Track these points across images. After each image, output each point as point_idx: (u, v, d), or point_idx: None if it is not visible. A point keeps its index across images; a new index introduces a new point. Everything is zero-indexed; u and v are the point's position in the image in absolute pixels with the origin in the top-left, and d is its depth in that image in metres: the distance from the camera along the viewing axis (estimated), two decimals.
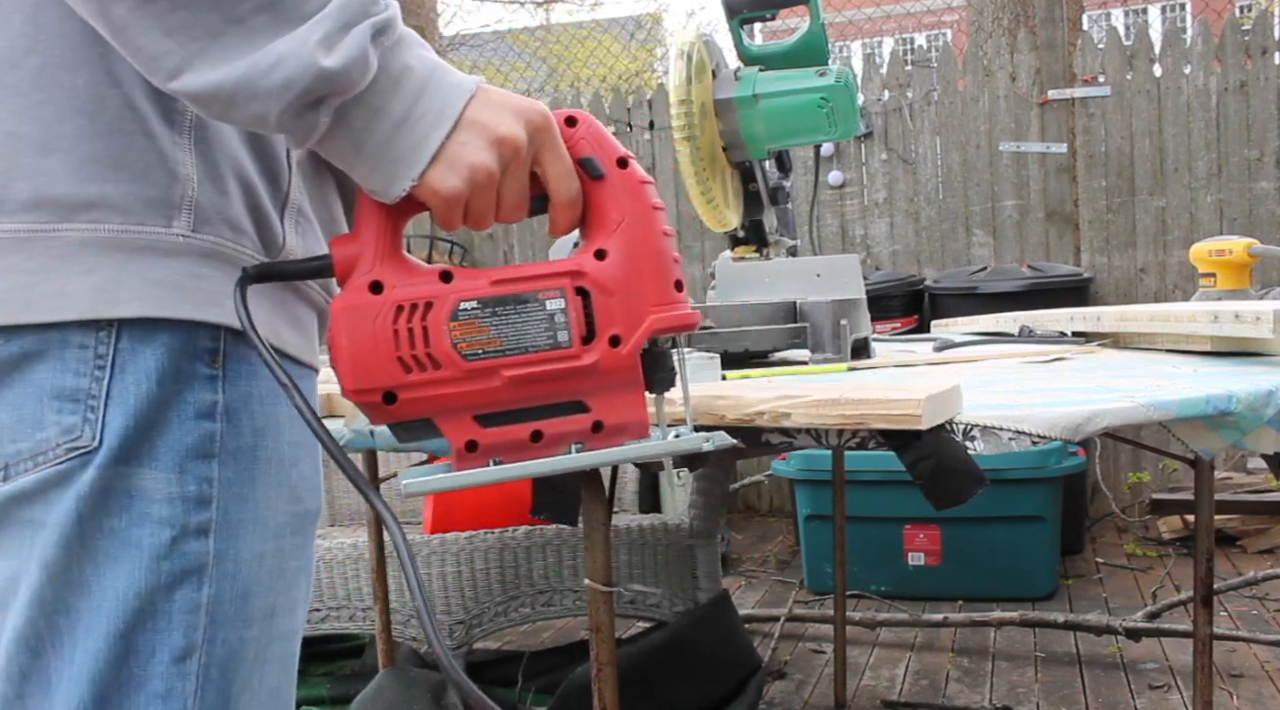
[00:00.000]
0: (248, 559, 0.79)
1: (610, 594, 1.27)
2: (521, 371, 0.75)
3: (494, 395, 0.75)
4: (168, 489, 0.76)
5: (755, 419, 1.02)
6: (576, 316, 0.77)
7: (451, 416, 0.75)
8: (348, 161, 0.73)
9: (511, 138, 0.74)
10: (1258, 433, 1.15)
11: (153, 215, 0.75)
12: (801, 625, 3.22)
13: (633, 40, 12.03)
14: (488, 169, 0.74)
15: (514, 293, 0.76)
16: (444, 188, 0.73)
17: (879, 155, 4.56)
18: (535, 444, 0.77)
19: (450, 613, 2.44)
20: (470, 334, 0.75)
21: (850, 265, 1.75)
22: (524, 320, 0.76)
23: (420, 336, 0.74)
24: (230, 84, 0.66)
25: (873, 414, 0.96)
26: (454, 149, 0.73)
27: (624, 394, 0.79)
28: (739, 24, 1.79)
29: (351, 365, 0.73)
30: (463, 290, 0.75)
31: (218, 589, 0.78)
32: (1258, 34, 4.13)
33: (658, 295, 0.79)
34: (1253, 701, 2.56)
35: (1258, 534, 3.83)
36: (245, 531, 0.79)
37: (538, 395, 0.77)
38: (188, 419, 0.76)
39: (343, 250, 0.75)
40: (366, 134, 0.71)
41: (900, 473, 1.25)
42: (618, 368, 0.78)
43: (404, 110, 0.71)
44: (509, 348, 0.75)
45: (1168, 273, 4.26)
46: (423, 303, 0.74)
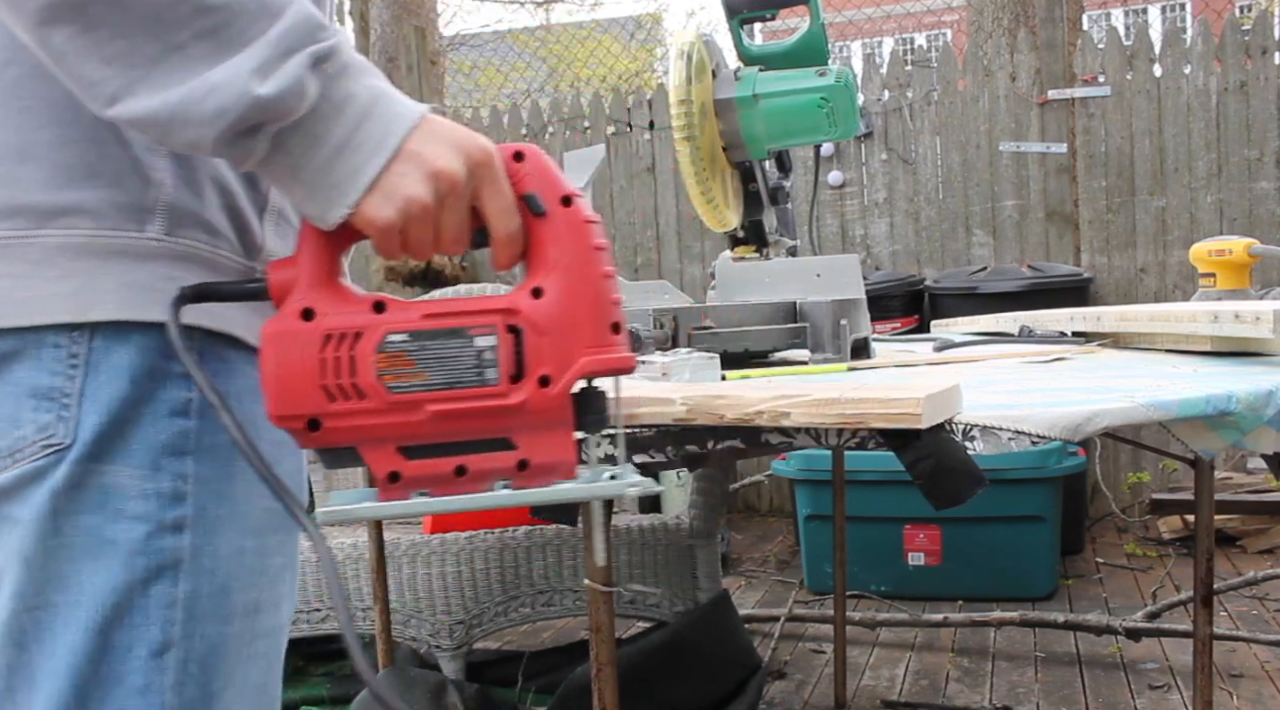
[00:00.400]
0: (226, 555, 0.80)
1: (610, 594, 1.27)
2: (446, 407, 0.75)
3: (418, 429, 0.75)
4: (142, 485, 0.77)
5: (754, 419, 1.02)
6: (506, 355, 0.76)
7: (375, 446, 0.75)
8: (286, 186, 0.73)
9: (449, 172, 0.73)
10: (1258, 433, 1.15)
11: (126, 220, 0.76)
12: (801, 625, 3.22)
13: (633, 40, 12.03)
14: (422, 202, 0.73)
15: (444, 327, 0.75)
16: (378, 218, 0.72)
17: (879, 155, 4.56)
18: (459, 478, 0.77)
19: (450, 613, 2.44)
20: (397, 366, 0.74)
21: (850, 265, 1.75)
22: (452, 356, 0.75)
23: (346, 366, 0.73)
24: (166, 111, 0.67)
25: (872, 413, 0.96)
26: (391, 180, 0.72)
27: (552, 434, 0.78)
28: (739, 24, 1.79)
29: (276, 390, 0.73)
30: (393, 322, 0.74)
31: (195, 584, 0.79)
32: (1258, 34, 4.13)
33: (592, 337, 0.78)
34: (1253, 701, 2.56)
35: (1258, 534, 3.83)
36: (223, 527, 0.80)
37: (462, 430, 0.76)
38: (161, 416, 0.78)
39: (278, 275, 0.75)
40: (304, 161, 0.71)
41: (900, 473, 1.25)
42: (546, 408, 0.77)
43: (343, 138, 0.71)
44: (435, 383, 0.75)
45: (1168, 273, 4.26)
46: (352, 333, 0.74)
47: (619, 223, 4.89)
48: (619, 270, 4.07)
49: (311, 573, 2.49)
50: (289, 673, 2.77)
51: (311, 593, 2.48)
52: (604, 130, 4.89)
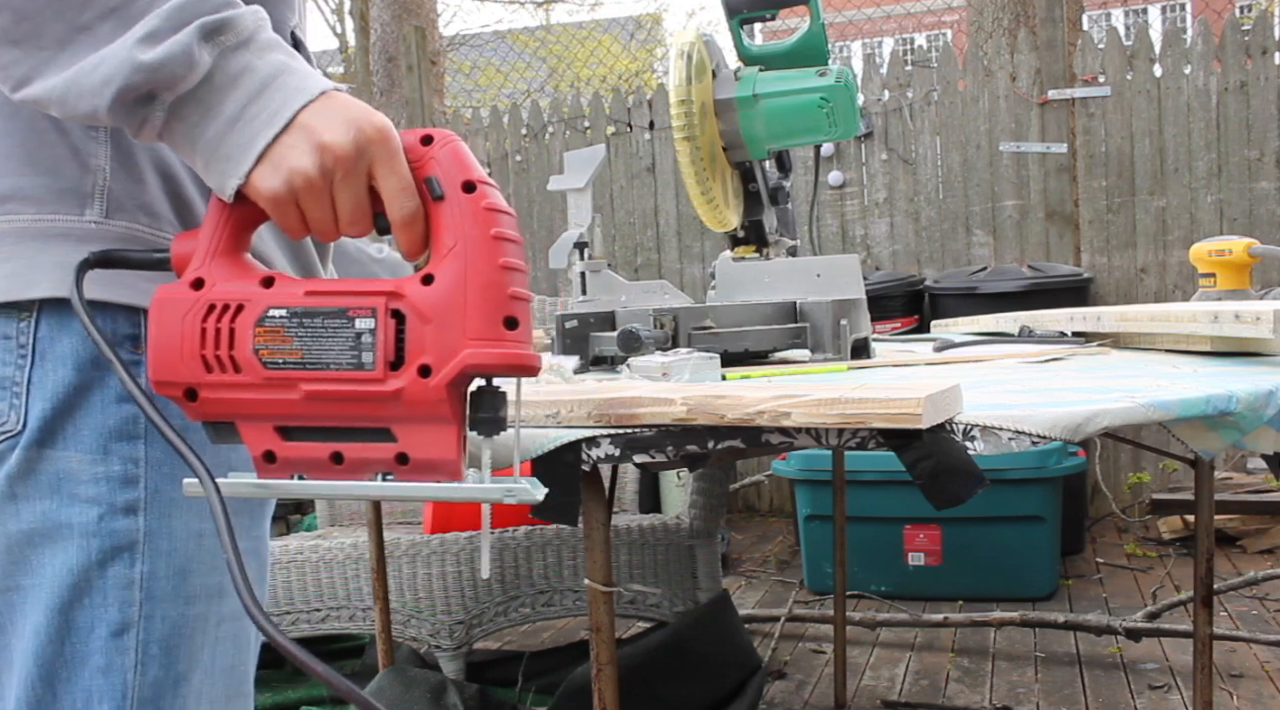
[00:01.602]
0: (183, 537, 0.82)
1: (610, 594, 1.26)
2: (320, 388, 0.73)
3: (293, 408, 0.74)
4: (93, 469, 0.79)
5: (755, 419, 1.02)
6: (385, 339, 0.73)
7: (252, 423, 0.75)
8: (188, 157, 0.74)
9: (335, 145, 0.72)
10: (1258, 433, 1.15)
11: (66, 205, 0.79)
12: (801, 625, 3.22)
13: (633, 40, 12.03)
14: (305, 173, 0.72)
15: (325, 306, 0.74)
16: (265, 188, 0.72)
17: (879, 155, 4.56)
18: (336, 466, 0.75)
19: (450, 613, 2.44)
20: (273, 342, 0.73)
21: (850, 265, 1.75)
22: (329, 336, 0.73)
23: (225, 337, 0.73)
24: (62, 86, 0.69)
25: (873, 413, 0.97)
26: (279, 151, 0.72)
27: (434, 429, 0.75)
28: (739, 24, 1.79)
29: (156, 356, 0.73)
30: (276, 297, 0.74)
31: (151, 566, 0.81)
32: (1258, 34, 4.13)
33: (480, 329, 0.73)
34: (1253, 701, 2.56)
35: (1258, 534, 3.83)
36: (178, 510, 0.82)
37: (339, 415, 0.74)
38: (110, 402, 0.80)
39: (180, 245, 0.76)
40: (199, 131, 0.72)
41: (900, 473, 1.25)
42: (424, 400, 0.73)
43: (237, 110, 0.71)
44: (309, 361, 0.73)
45: (1168, 273, 4.26)
46: (234, 304, 0.74)
47: (619, 223, 4.89)
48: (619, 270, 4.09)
49: (311, 572, 2.49)
50: (289, 673, 2.78)
51: (311, 593, 2.48)
52: (604, 130, 4.89)
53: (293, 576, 2.47)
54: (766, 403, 1.02)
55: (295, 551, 2.47)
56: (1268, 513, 3.81)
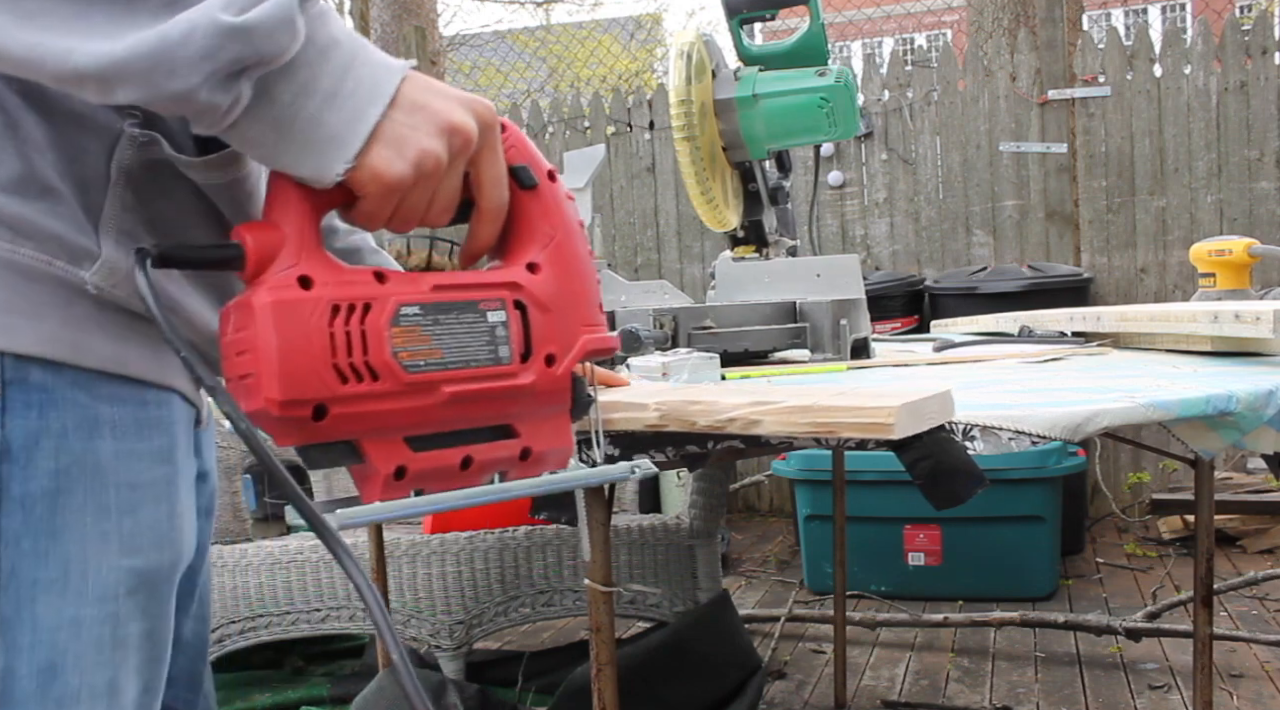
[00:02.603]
0: (53, 627, 0.66)
1: (610, 594, 1.26)
2: (462, 388, 0.68)
3: (429, 414, 0.67)
4: None
5: (726, 426, 0.99)
6: (517, 331, 0.71)
7: (381, 437, 0.66)
8: (269, 144, 0.62)
9: (464, 128, 0.66)
10: (1258, 433, 1.15)
11: None
12: (801, 625, 3.22)
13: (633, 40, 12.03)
14: (437, 157, 0.65)
15: (457, 300, 0.69)
16: (389, 172, 0.63)
17: (879, 155, 4.56)
18: (464, 472, 0.69)
19: (450, 613, 2.44)
20: (412, 343, 0.66)
21: (850, 265, 1.75)
22: (466, 331, 0.69)
23: (359, 342, 0.64)
24: (139, 61, 0.57)
25: (844, 422, 0.93)
26: (397, 130, 0.64)
27: (552, 419, 0.73)
28: (739, 24, 1.79)
29: (283, 371, 0.61)
30: (403, 293, 0.66)
31: (8, 662, 0.65)
32: (1258, 34, 4.13)
33: (588, 316, 0.74)
34: (1253, 701, 2.56)
35: (1258, 534, 3.82)
36: (47, 595, 0.66)
37: (472, 416, 0.69)
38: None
39: (259, 238, 0.64)
40: (294, 110, 0.61)
41: (900, 473, 1.25)
42: (551, 389, 0.72)
43: (333, 84, 0.62)
44: (451, 360, 0.68)
45: (1168, 273, 4.26)
46: (360, 303, 0.64)
47: (619, 223, 4.88)
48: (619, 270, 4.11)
49: (311, 572, 2.49)
50: (289, 673, 2.78)
51: (311, 593, 2.48)
52: (604, 130, 4.89)
53: (293, 576, 2.47)
54: (738, 410, 0.99)
55: (295, 551, 2.47)
56: (1268, 513, 3.81)
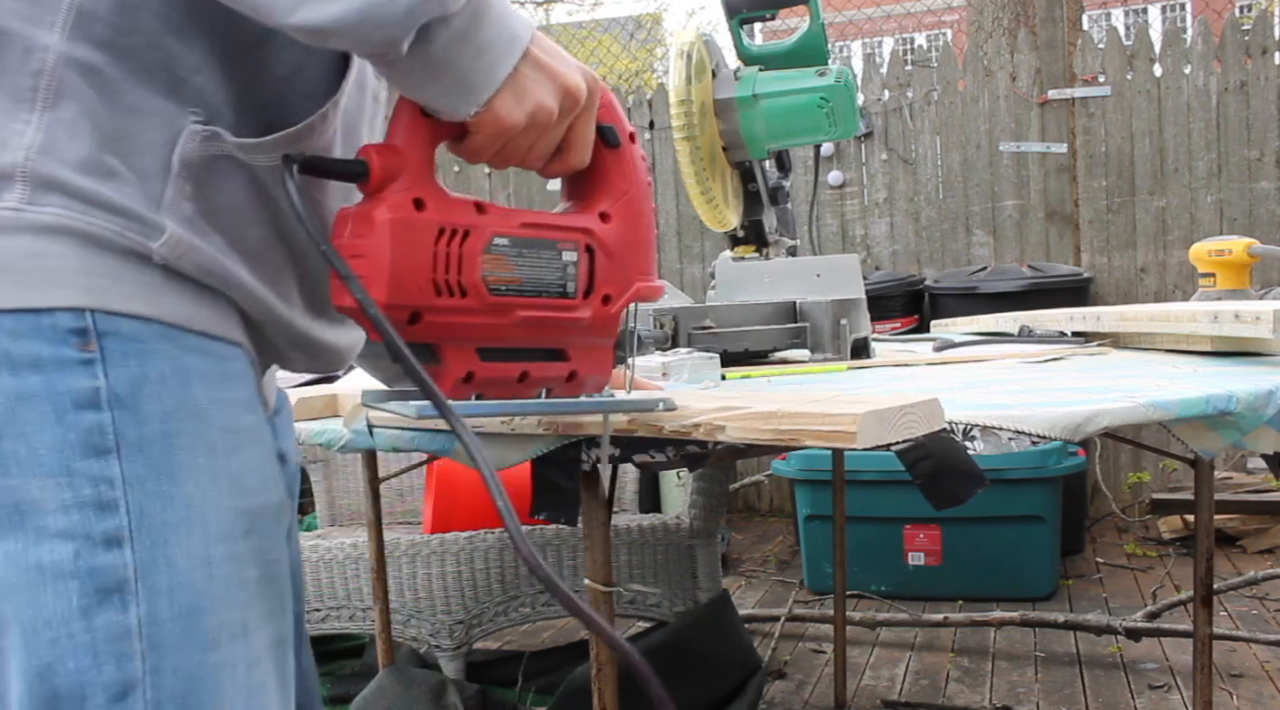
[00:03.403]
0: (187, 567, 0.67)
1: (610, 594, 1.26)
2: (533, 314, 0.78)
3: (503, 332, 0.78)
4: (59, 496, 0.64)
5: (692, 432, 0.97)
6: (584, 271, 0.81)
7: (458, 346, 0.77)
8: (417, 79, 0.69)
9: (576, 90, 0.75)
10: (1258, 433, 1.15)
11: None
12: (801, 625, 3.22)
13: (633, 40, 12.02)
14: (549, 111, 0.74)
15: (540, 237, 0.79)
16: (507, 117, 0.72)
17: (879, 155, 4.56)
18: (520, 384, 0.80)
19: (450, 613, 2.44)
20: (498, 269, 0.76)
21: (850, 265, 1.75)
22: (544, 265, 0.79)
23: (455, 262, 0.74)
24: (354, 15, 0.63)
25: (807, 429, 0.91)
26: (522, 82, 0.72)
27: (598, 350, 0.85)
28: (739, 24, 1.79)
29: (392, 278, 0.71)
30: (498, 225, 0.77)
31: (150, 607, 0.65)
32: (1258, 34, 4.13)
33: (643, 265, 0.85)
34: (1253, 701, 2.56)
35: (1258, 534, 3.83)
36: (177, 535, 0.67)
37: (534, 338, 0.80)
38: (66, 411, 0.64)
39: (384, 159, 0.72)
40: (445, 53, 0.68)
41: (900, 473, 1.25)
42: (603, 324, 0.83)
43: (480, 35, 0.69)
44: (527, 288, 0.78)
45: (1168, 273, 4.26)
46: (462, 229, 0.74)
47: None
48: None
49: (311, 572, 2.49)
50: None
51: (311, 593, 2.48)
52: None
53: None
54: (705, 415, 0.98)
55: None
56: (1268, 513, 3.81)
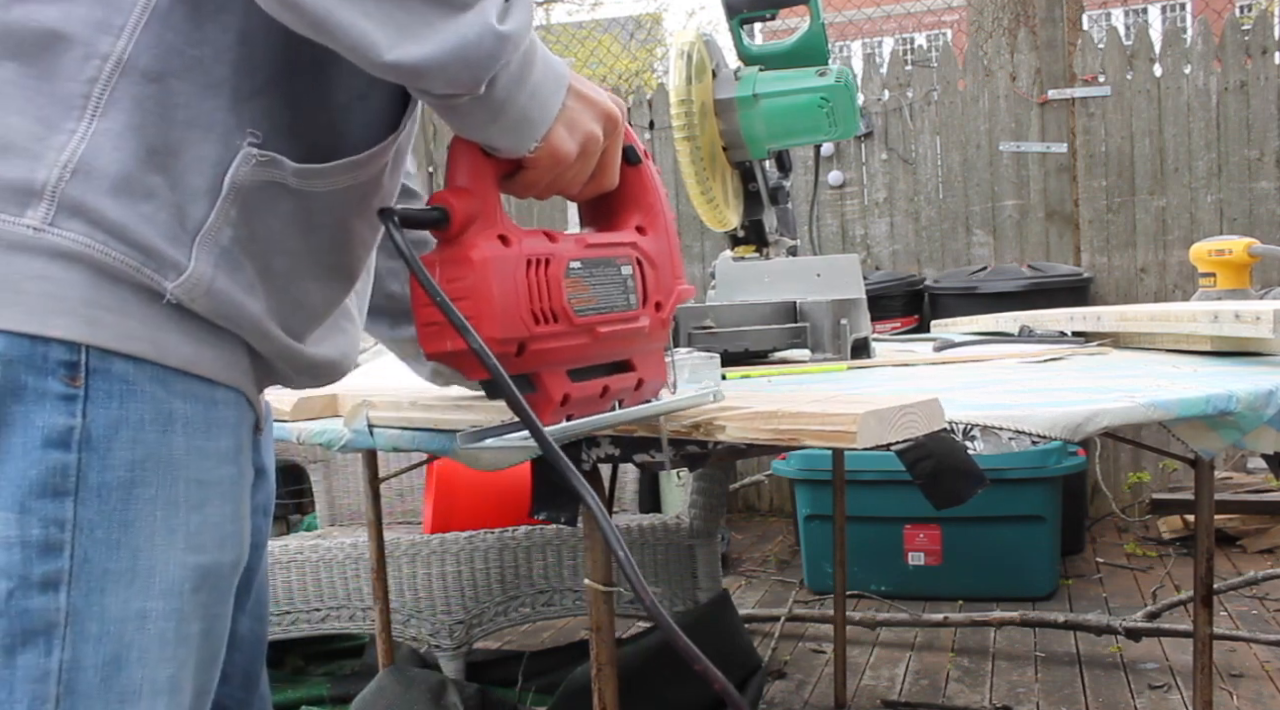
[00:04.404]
0: (120, 618, 0.66)
1: (610, 594, 1.26)
2: (609, 329, 0.82)
3: (586, 350, 0.81)
4: (5, 532, 0.63)
5: (691, 432, 0.98)
6: (640, 282, 0.86)
7: (552, 370, 0.79)
8: (479, 122, 0.73)
9: (615, 116, 0.80)
10: (1258, 433, 1.15)
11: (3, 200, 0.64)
12: (801, 625, 3.22)
13: (633, 40, 12.02)
14: (597, 139, 0.78)
15: (603, 256, 0.83)
16: (562, 149, 0.76)
17: (879, 155, 4.56)
18: (600, 400, 0.84)
19: (450, 613, 2.44)
20: (578, 291, 0.80)
21: (850, 265, 1.75)
22: (611, 282, 0.83)
23: (545, 289, 0.77)
24: (444, 57, 0.67)
25: (807, 429, 0.91)
26: (571, 115, 0.76)
27: (655, 355, 0.89)
28: (739, 24, 1.79)
29: (501, 314, 0.73)
30: (570, 250, 0.80)
31: (75, 653, 0.65)
32: (1258, 34, 4.13)
33: (678, 269, 0.90)
34: (1253, 701, 2.56)
35: (1258, 534, 3.82)
36: (115, 585, 0.66)
37: (611, 352, 0.84)
38: (33, 447, 0.64)
39: (462, 203, 0.75)
40: (505, 95, 0.72)
41: (900, 473, 1.25)
42: (659, 331, 0.88)
43: (534, 76, 0.73)
44: (602, 306, 0.82)
45: (1168, 273, 4.26)
46: (543, 258, 0.77)
47: None
48: None
49: (311, 572, 2.49)
50: (289, 673, 2.78)
51: (311, 593, 2.48)
52: None
53: (293, 576, 2.47)
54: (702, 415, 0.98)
55: (295, 551, 2.47)
56: (1268, 513, 3.81)
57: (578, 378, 0.81)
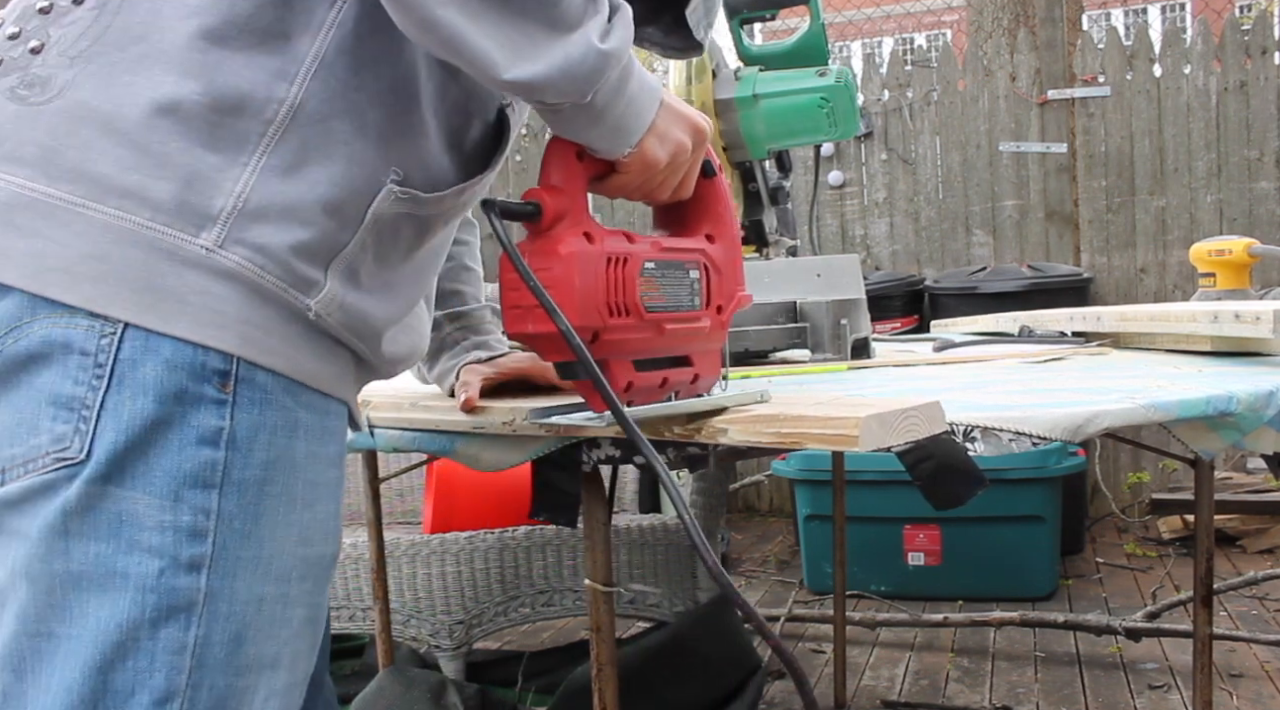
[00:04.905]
0: (245, 601, 0.75)
1: (610, 594, 1.26)
2: (675, 326, 0.89)
3: (652, 344, 0.87)
4: (160, 516, 0.71)
5: (694, 435, 0.98)
6: (705, 286, 0.92)
7: (620, 360, 0.85)
8: (580, 126, 0.80)
9: (703, 129, 0.88)
10: (1258, 433, 1.15)
11: (184, 220, 0.72)
12: (801, 625, 3.22)
13: None
14: (685, 147, 0.86)
15: (675, 260, 0.90)
16: (653, 155, 0.84)
17: (879, 155, 4.56)
18: (659, 390, 0.90)
19: (450, 613, 2.44)
20: (650, 290, 0.86)
21: (850, 265, 1.75)
22: (679, 284, 0.90)
23: (620, 286, 0.83)
24: (556, 74, 0.74)
25: (810, 433, 0.91)
26: (663, 126, 0.84)
27: (712, 354, 0.95)
28: (739, 24, 1.79)
29: (581, 303, 0.80)
30: (646, 252, 0.87)
31: (208, 630, 0.73)
32: (1258, 34, 4.13)
33: (740, 276, 0.96)
34: (1253, 701, 2.56)
35: (1258, 534, 3.83)
36: (244, 571, 0.75)
37: (672, 347, 0.90)
38: (188, 443, 0.72)
39: (554, 201, 0.82)
40: (605, 102, 0.79)
41: (900, 473, 1.25)
42: (719, 332, 0.94)
43: (631, 87, 0.80)
44: (670, 305, 0.88)
45: (1168, 273, 4.26)
46: (621, 257, 0.84)
47: (619, 222, 4.88)
48: None
49: None
50: None
51: None
52: None
53: None
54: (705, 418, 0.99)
55: None
56: (1268, 513, 3.81)
57: (641, 368, 0.87)
